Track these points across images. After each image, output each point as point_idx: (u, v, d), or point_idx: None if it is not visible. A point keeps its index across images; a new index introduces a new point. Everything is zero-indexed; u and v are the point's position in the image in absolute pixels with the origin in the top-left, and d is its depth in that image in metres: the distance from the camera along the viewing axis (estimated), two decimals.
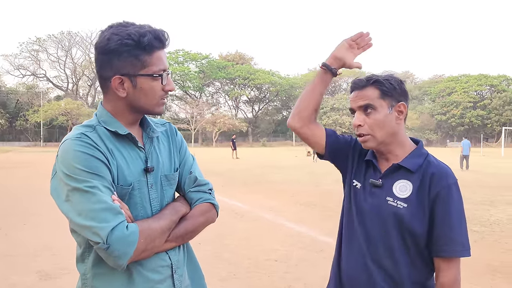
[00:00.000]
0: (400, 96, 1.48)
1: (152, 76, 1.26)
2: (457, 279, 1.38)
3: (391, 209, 1.44)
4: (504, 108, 64.65)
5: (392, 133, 1.48)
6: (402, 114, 1.48)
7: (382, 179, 1.50)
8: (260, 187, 11.91)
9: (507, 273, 4.48)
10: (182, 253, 1.39)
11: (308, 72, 77.07)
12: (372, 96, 1.46)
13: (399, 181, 1.46)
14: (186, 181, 1.44)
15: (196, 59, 64.60)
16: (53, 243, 5.44)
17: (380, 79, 1.46)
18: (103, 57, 1.24)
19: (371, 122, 1.46)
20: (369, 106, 1.46)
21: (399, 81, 1.49)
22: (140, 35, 1.22)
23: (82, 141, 1.19)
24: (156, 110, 1.31)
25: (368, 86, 1.47)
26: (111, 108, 1.30)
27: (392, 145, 1.50)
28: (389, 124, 1.46)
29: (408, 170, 1.45)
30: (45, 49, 60.01)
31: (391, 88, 1.45)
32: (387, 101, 1.46)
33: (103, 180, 1.17)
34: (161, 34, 1.26)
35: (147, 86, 1.26)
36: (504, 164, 23.05)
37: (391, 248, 1.44)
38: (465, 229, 1.40)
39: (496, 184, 12.89)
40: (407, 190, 1.43)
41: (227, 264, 4.74)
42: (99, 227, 1.11)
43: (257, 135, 68.95)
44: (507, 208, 8.46)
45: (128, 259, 1.15)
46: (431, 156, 1.49)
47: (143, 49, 1.23)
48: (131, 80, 1.24)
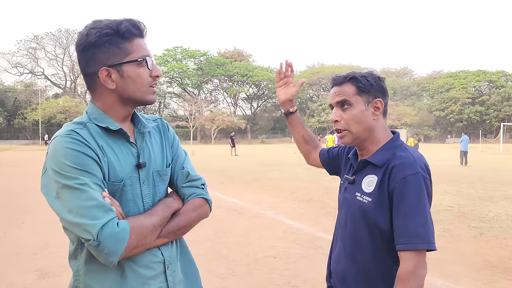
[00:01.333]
0: (377, 93, 1.50)
1: (137, 61, 1.25)
2: (416, 272, 1.32)
3: (358, 203, 1.49)
4: (503, 104, 64.71)
5: (368, 129, 1.50)
6: (378, 110, 1.51)
7: (354, 175, 1.56)
8: (259, 184, 11.90)
9: (505, 268, 4.48)
10: (175, 248, 1.38)
11: (306, 69, 77.04)
12: (348, 92, 1.50)
13: (367, 176, 1.50)
14: (178, 176, 1.44)
15: (194, 56, 64.45)
16: (51, 241, 5.43)
17: (357, 76, 1.50)
18: (85, 54, 1.24)
19: (347, 117, 1.50)
20: (346, 102, 1.50)
21: (377, 77, 1.52)
22: (117, 24, 1.23)
23: (72, 138, 1.18)
24: (147, 98, 1.30)
25: (345, 83, 1.51)
26: (101, 105, 1.29)
27: (367, 141, 1.53)
28: (365, 120, 1.49)
29: (375, 165, 1.48)
30: (43, 47, 59.89)
31: (367, 85, 1.49)
32: (364, 97, 1.49)
33: (93, 177, 1.16)
34: (137, 22, 1.26)
35: (134, 74, 1.26)
36: (502, 160, 23.08)
37: (362, 242, 1.49)
38: (423, 221, 1.34)
39: (495, 179, 12.90)
40: (373, 184, 1.46)
41: (225, 261, 4.74)
42: (89, 224, 1.10)
43: (255, 132, 68.92)
44: (506, 204, 8.46)
45: (119, 256, 1.14)
46: (403, 147, 1.48)
47: (122, 37, 1.23)
48: (117, 70, 1.24)
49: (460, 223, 6.67)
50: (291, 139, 64.06)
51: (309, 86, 72.96)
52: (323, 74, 70.60)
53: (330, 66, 74.63)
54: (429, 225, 1.35)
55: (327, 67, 73.63)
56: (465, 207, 8.08)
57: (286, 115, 1.94)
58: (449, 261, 4.69)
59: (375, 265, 1.46)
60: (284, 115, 1.95)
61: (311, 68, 77.21)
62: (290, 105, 1.92)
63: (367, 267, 1.48)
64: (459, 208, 8.02)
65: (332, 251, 1.68)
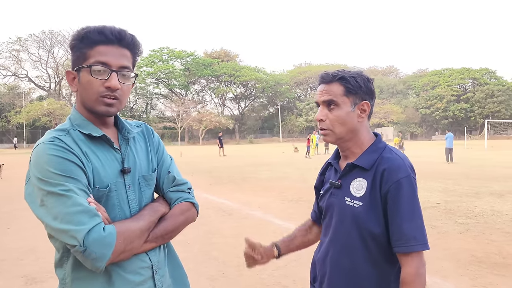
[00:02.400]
0: (364, 95, 1.48)
1: (84, 67, 1.23)
2: (418, 273, 1.36)
3: (349, 209, 1.46)
4: (487, 101, 65.77)
5: (352, 130, 1.49)
6: (364, 113, 1.49)
7: (341, 180, 1.52)
8: (248, 184, 11.89)
9: (492, 264, 4.54)
10: (162, 253, 1.37)
11: (293, 68, 77.27)
12: (336, 93, 1.46)
13: (355, 180, 1.47)
14: (164, 181, 1.44)
15: (181, 57, 64.14)
16: (38, 247, 5.35)
17: (346, 76, 1.46)
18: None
19: (333, 118, 1.47)
20: (332, 102, 1.47)
21: (366, 79, 1.49)
22: (86, 31, 1.23)
23: (55, 145, 1.18)
24: (96, 108, 1.26)
25: (334, 82, 1.48)
26: (81, 110, 1.31)
27: (351, 142, 1.51)
28: (350, 121, 1.47)
29: (363, 168, 1.46)
30: (26, 49, 58.97)
31: (356, 86, 1.46)
32: (351, 99, 1.46)
33: (78, 183, 1.15)
34: (108, 30, 1.23)
35: (85, 80, 1.25)
36: (487, 156, 23.44)
37: (350, 248, 1.46)
38: (418, 223, 1.38)
39: (480, 176, 13.09)
40: (363, 188, 1.44)
41: (215, 263, 4.72)
42: (75, 230, 1.09)
43: (244, 132, 68.90)
44: (491, 200, 8.59)
45: (106, 261, 1.13)
46: (388, 149, 1.49)
47: (83, 43, 1.24)
48: (78, 74, 1.26)
49: (447, 220, 6.76)
50: (280, 138, 64.38)
51: (297, 85, 73.21)
52: (310, 73, 70.91)
53: (317, 65, 74.99)
54: (424, 227, 1.39)
55: (314, 66, 73.98)
56: (452, 204, 8.18)
57: (279, 258, 1.80)
58: (436, 257, 4.75)
59: (367, 269, 1.44)
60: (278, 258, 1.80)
61: (298, 67, 77.49)
62: (273, 254, 1.79)
63: (356, 272, 1.45)
64: (446, 204, 8.12)
65: (316, 255, 1.65)
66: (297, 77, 71.39)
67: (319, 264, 1.59)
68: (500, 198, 8.81)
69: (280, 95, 69.57)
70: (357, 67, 5.41)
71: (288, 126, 67.46)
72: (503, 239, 5.53)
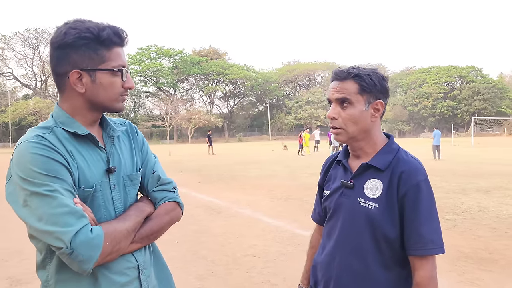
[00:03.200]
0: (379, 94, 1.44)
1: (112, 71, 1.22)
2: (433, 276, 1.35)
3: (363, 210, 1.41)
4: (473, 98, 66.64)
5: (365, 130, 1.44)
6: (378, 112, 1.45)
7: (353, 180, 1.47)
8: (237, 182, 11.87)
9: (478, 259, 4.60)
10: (148, 253, 1.36)
11: (282, 66, 77.30)
12: (350, 91, 1.41)
13: (369, 181, 1.42)
14: (149, 180, 1.42)
15: (169, 55, 63.67)
16: (23, 248, 5.25)
17: (361, 74, 1.41)
18: (59, 52, 1.20)
19: (345, 116, 1.42)
20: (346, 100, 1.42)
21: (381, 77, 1.45)
22: (99, 30, 1.20)
23: (39, 143, 1.14)
24: (115, 107, 1.28)
25: (348, 80, 1.42)
26: (68, 108, 1.25)
27: (363, 141, 1.47)
28: (363, 120, 1.42)
29: (378, 169, 1.42)
30: (11, 47, 57.91)
31: (371, 85, 1.41)
32: (365, 97, 1.42)
33: (64, 183, 1.12)
34: (120, 31, 1.24)
35: (107, 81, 1.23)
36: (474, 153, 23.76)
37: (363, 251, 1.41)
38: (436, 227, 1.36)
39: (466, 172, 13.26)
40: (378, 189, 1.40)
41: (204, 262, 4.70)
42: (61, 232, 1.07)
43: (233, 130, 68.79)
44: (478, 196, 8.71)
45: (94, 263, 1.11)
46: (401, 151, 1.46)
47: (102, 43, 1.20)
48: (90, 75, 1.21)
49: None
50: (269, 136, 64.41)
51: (285, 83, 73.30)
52: (299, 71, 71.05)
53: (306, 63, 75.11)
54: (440, 230, 1.37)
55: (302, 64, 74.11)
56: (439, 200, 8.26)
57: None
58: None
59: (378, 275, 1.39)
60: None
61: (287, 65, 77.52)
62: None
63: (367, 275, 1.40)
64: None
65: (318, 258, 1.58)
66: (286, 75, 71.45)
67: (322, 268, 1.53)
68: (486, 194, 8.93)
69: (269, 93, 69.57)
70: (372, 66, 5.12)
71: (277, 124, 67.53)
72: (490, 235, 5.60)
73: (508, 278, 4.06)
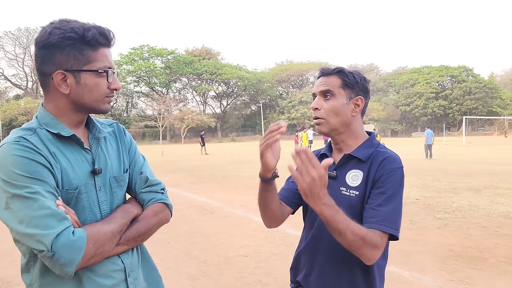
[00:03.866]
0: (360, 91, 1.55)
1: (97, 72, 1.21)
2: (375, 253, 1.33)
3: (345, 198, 1.49)
4: (464, 98, 67.21)
5: (345, 123, 1.54)
6: (358, 108, 1.55)
7: (336, 170, 1.56)
8: (230, 182, 11.86)
9: (468, 258, 4.63)
10: (136, 255, 1.34)
11: (275, 66, 77.37)
12: (333, 84, 1.53)
13: (351, 171, 1.52)
14: (137, 181, 1.40)
15: (161, 55, 63.44)
16: (13, 250, 5.17)
17: (344, 71, 1.54)
18: (44, 52, 1.18)
19: (328, 107, 1.52)
20: (329, 92, 1.52)
21: (363, 77, 1.57)
22: (85, 30, 1.18)
23: (21, 145, 1.12)
24: (101, 108, 1.26)
25: (333, 75, 1.54)
26: (53, 109, 1.24)
27: (344, 134, 1.56)
28: (344, 113, 1.52)
29: (359, 160, 1.51)
30: (2, 47, 57.42)
31: (353, 81, 1.53)
32: (347, 92, 1.53)
33: (45, 185, 1.11)
34: (106, 31, 1.22)
35: (92, 82, 1.21)
36: (465, 152, 23.95)
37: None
38: (396, 209, 1.40)
39: (458, 171, 13.36)
40: (359, 179, 1.49)
41: (196, 262, 4.68)
42: (42, 234, 1.05)
43: (226, 130, 68.73)
44: (469, 195, 8.78)
45: (76, 266, 1.09)
46: (381, 146, 1.57)
47: (87, 44, 1.18)
48: (74, 76, 1.19)
49: (426, 215, 6.87)
50: (262, 136, 63.95)
51: (278, 83, 73.38)
52: (292, 71, 71.11)
53: (299, 63, 75.23)
54: (400, 215, 1.43)
55: (295, 64, 74.23)
56: (431, 199, 8.32)
57: (270, 180, 1.56)
58: (416, 252, 4.81)
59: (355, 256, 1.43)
60: (267, 182, 1.56)
61: (280, 65, 77.63)
62: (267, 171, 1.55)
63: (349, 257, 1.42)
64: (425, 200, 8.26)
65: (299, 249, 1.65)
66: (279, 75, 71.52)
67: (305, 256, 1.59)
68: (477, 193, 9.00)
69: (262, 93, 69.59)
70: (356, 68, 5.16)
71: (271, 124, 67.46)
72: (480, 233, 5.65)
73: (498, 276, 4.10)
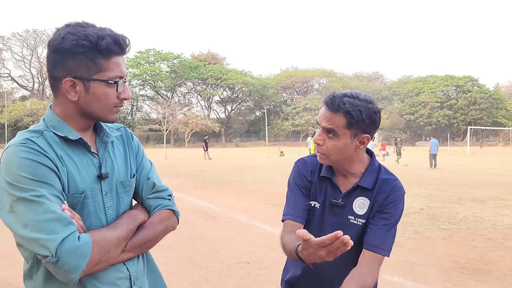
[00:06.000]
0: (367, 129, 1.46)
1: (107, 82, 1.18)
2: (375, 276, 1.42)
3: (353, 226, 1.52)
4: (469, 108, 67.00)
5: (347, 158, 1.52)
6: (363, 144, 1.50)
7: (342, 199, 1.55)
8: (233, 188, 11.83)
9: (473, 270, 4.58)
10: (141, 263, 1.31)
11: (280, 72, 77.50)
12: (338, 124, 1.44)
13: (358, 199, 1.53)
14: (144, 187, 1.37)
15: (167, 59, 63.77)
16: (15, 251, 5.16)
17: (350, 111, 1.41)
18: (55, 56, 1.16)
19: (330, 146, 1.48)
20: (332, 131, 1.46)
21: (373, 112, 1.45)
22: (99, 38, 1.14)
23: (27, 147, 1.10)
24: (108, 118, 1.24)
25: (338, 113, 1.44)
26: (60, 112, 1.21)
27: (347, 165, 1.56)
28: (346, 151, 1.49)
29: (366, 188, 1.53)
30: (9, 48, 57.99)
31: (359, 121, 1.43)
32: (352, 131, 1.45)
33: (51, 188, 1.08)
34: (121, 39, 1.19)
35: (101, 92, 1.18)
36: (469, 162, 23.81)
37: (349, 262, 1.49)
38: (394, 234, 1.50)
39: (462, 182, 13.26)
40: (365, 206, 1.52)
41: (198, 268, 4.65)
42: (47, 239, 1.02)
43: (230, 135, 68.74)
44: (473, 206, 8.70)
45: (80, 273, 1.06)
46: (383, 169, 1.58)
47: (100, 53, 1.15)
48: (84, 84, 1.16)
49: (430, 225, 6.81)
50: (266, 142, 64.34)
51: (283, 89, 73.47)
52: (297, 77, 71.19)
53: (304, 70, 75.40)
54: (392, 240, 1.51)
55: (300, 71, 74.35)
56: (435, 209, 8.26)
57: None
58: (420, 263, 4.76)
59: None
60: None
61: (285, 71, 77.74)
62: None
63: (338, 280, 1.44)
64: (429, 210, 8.19)
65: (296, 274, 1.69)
66: (284, 81, 71.60)
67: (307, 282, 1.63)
68: (481, 204, 8.92)
69: (267, 99, 69.69)
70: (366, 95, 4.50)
71: (274, 130, 67.56)
72: (485, 245, 5.59)
73: None
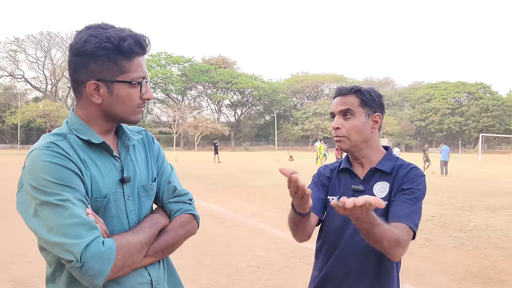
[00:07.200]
0: (377, 108, 1.63)
1: (131, 83, 1.19)
2: (406, 244, 1.40)
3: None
4: (481, 115, 66.22)
5: (366, 140, 1.60)
6: (377, 124, 1.63)
7: (362, 184, 1.60)
8: (243, 191, 11.84)
9: (486, 279, 4.52)
10: (162, 268, 1.30)
11: (290, 77, 77.46)
12: (352, 103, 1.59)
13: (378, 183, 1.58)
14: (164, 191, 1.37)
15: (178, 62, 64.13)
16: (28, 250, 5.25)
17: (362, 90, 1.60)
18: (78, 60, 1.16)
19: (349, 126, 1.58)
20: (349, 111, 1.58)
21: (379, 94, 1.65)
22: (120, 39, 1.14)
23: (51, 151, 1.10)
24: (132, 119, 1.25)
25: (350, 94, 1.60)
26: (83, 115, 1.22)
27: (365, 150, 1.62)
28: (364, 131, 1.59)
29: (384, 172, 1.58)
30: (24, 50, 58.68)
31: (370, 99, 1.60)
32: (366, 110, 1.59)
33: (76, 193, 1.08)
34: (142, 39, 1.19)
35: (124, 93, 1.19)
36: (481, 170, 23.55)
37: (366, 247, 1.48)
38: (418, 210, 1.50)
39: (474, 189, 13.12)
40: (386, 190, 1.56)
41: (208, 271, 4.66)
42: (72, 244, 1.02)
43: (239, 139, 68.81)
44: (485, 214, 8.60)
45: (105, 278, 1.06)
46: (400, 159, 1.66)
47: (123, 54, 1.16)
48: (107, 86, 1.17)
49: (441, 233, 6.74)
50: (275, 146, 64.30)
51: (293, 94, 73.44)
52: (307, 82, 71.11)
53: (314, 74, 75.17)
54: (420, 217, 1.53)
55: (311, 76, 74.19)
56: (446, 217, 8.18)
57: (307, 215, 1.50)
58: (431, 271, 4.72)
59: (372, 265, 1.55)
60: (304, 216, 1.50)
61: (295, 76, 77.65)
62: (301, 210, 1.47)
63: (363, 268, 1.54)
64: (440, 217, 8.11)
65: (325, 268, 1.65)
66: (294, 85, 71.55)
67: (337, 269, 1.60)
68: (494, 212, 8.82)
69: (277, 103, 69.69)
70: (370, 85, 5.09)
71: (284, 135, 67.49)
72: (498, 254, 5.52)
73: None
